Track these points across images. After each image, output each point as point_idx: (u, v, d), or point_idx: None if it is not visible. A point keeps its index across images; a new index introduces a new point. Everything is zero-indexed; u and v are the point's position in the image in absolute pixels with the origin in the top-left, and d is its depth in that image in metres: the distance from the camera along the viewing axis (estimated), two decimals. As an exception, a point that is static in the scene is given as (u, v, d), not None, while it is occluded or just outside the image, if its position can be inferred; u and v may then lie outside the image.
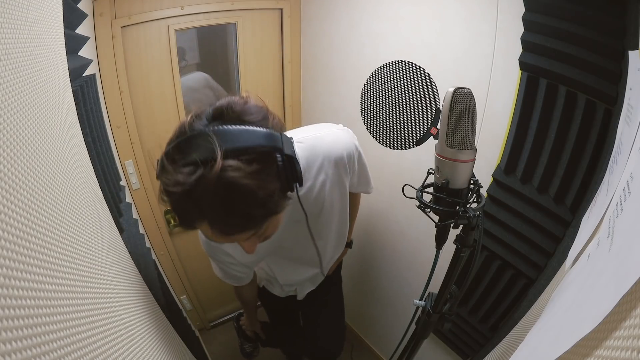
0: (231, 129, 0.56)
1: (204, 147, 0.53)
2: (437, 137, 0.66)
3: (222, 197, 0.52)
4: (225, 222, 0.56)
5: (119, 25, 1.33)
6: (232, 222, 0.56)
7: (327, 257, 1.16)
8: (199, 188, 0.51)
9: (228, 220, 0.55)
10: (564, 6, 0.81)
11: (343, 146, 0.89)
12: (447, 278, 0.79)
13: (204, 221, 0.56)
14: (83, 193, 0.61)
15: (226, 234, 0.58)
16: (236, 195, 0.53)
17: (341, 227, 1.10)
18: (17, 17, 0.42)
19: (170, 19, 1.46)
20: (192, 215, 0.56)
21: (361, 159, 0.99)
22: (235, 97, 0.62)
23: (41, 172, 0.42)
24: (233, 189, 0.52)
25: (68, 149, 0.58)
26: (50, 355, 0.33)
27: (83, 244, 0.52)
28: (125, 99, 1.44)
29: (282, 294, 1.29)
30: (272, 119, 0.62)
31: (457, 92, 0.59)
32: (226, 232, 0.57)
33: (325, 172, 0.88)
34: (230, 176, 0.51)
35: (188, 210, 0.55)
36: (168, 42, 1.48)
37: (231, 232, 0.58)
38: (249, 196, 0.53)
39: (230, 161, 0.52)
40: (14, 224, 0.32)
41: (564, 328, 0.41)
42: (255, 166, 0.54)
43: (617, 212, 0.42)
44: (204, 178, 0.51)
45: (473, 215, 0.65)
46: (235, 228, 0.58)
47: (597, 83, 0.80)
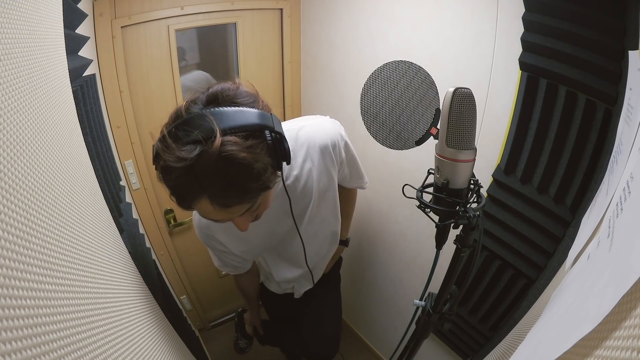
0: (226, 110, 0.60)
1: (203, 126, 0.57)
2: (437, 137, 0.66)
3: (222, 170, 0.56)
4: (224, 195, 0.60)
5: (119, 25, 1.33)
6: (230, 194, 0.60)
7: (313, 253, 1.13)
8: (201, 163, 0.55)
9: (227, 193, 0.59)
10: (564, 6, 0.81)
11: (328, 134, 0.92)
12: (447, 278, 0.79)
13: (203, 196, 0.59)
14: (83, 193, 0.61)
15: (225, 207, 0.61)
16: (234, 168, 0.57)
17: (332, 222, 1.11)
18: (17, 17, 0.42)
19: (170, 19, 1.46)
20: (192, 191, 0.59)
21: (349, 149, 1.01)
22: (227, 83, 0.67)
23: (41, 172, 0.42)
24: (232, 162, 0.56)
25: (68, 149, 0.58)
26: (50, 355, 0.33)
27: (83, 244, 0.52)
28: (125, 99, 1.44)
29: (279, 290, 1.29)
30: (261, 102, 0.67)
31: (457, 92, 0.59)
32: (225, 205, 0.61)
33: (312, 160, 0.90)
34: (229, 150, 0.55)
35: (189, 186, 0.58)
36: (168, 42, 1.48)
37: (229, 205, 0.62)
38: (246, 169, 0.58)
39: (228, 137, 0.56)
40: (14, 224, 0.32)
41: (564, 328, 0.41)
42: (251, 141, 0.59)
43: (617, 212, 0.42)
44: (205, 153, 0.55)
45: (473, 215, 0.65)
46: (233, 200, 0.61)
47: (597, 83, 0.80)
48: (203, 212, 0.64)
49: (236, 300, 2.27)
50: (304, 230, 1.02)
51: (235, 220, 0.70)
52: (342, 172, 1.03)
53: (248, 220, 0.71)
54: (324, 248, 1.18)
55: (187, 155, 0.54)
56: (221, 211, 0.62)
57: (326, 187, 0.99)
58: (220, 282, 2.15)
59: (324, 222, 1.08)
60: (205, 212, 0.64)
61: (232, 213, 0.65)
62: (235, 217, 0.68)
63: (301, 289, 1.27)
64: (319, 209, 1.02)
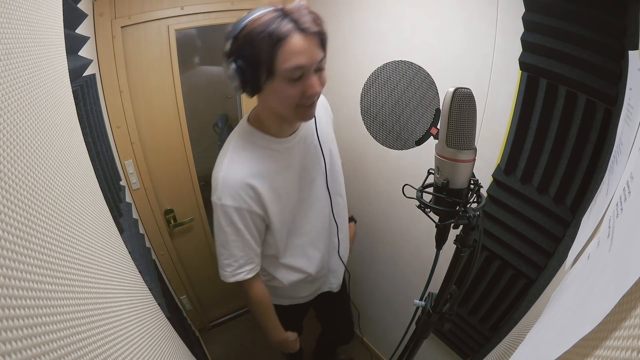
0: None
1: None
2: (437, 137, 0.66)
3: (314, 13, 0.79)
4: (319, 36, 0.79)
5: (119, 25, 1.33)
6: (322, 37, 0.80)
7: (341, 218, 1.20)
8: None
9: (321, 35, 0.79)
10: (564, 6, 0.81)
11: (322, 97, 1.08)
12: (447, 278, 0.79)
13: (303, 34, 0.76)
14: (83, 193, 0.61)
15: (310, 41, 0.77)
16: (318, 15, 0.79)
17: (340, 180, 1.19)
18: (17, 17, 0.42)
19: (170, 19, 1.46)
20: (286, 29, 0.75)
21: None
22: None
23: (41, 172, 0.42)
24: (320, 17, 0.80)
25: (68, 149, 0.58)
26: (50, 355, 0.33)
27: (83, 244, 0.52)
28: (125, 99, 1.44)
29: (292, 299, 1.25)
30: None
31: (457, 92, 0.59)
32: (310, 39, 0.77)
33: (319, 110, 1.00)
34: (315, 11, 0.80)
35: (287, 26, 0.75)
36: (168, 42, 1.48)
37: (311, 43, 0.78)
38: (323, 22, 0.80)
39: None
40: (14, 224, 0.32)
41: (564, 328, 0.41)
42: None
43: (617, 212, 0.42)
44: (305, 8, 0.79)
45: (473, 215, 0.65)
46: (323, 41, 0.81)
47: (597, 83, 0.80)
48: (294, 48, 0.75)
49: (236, 300, 2.27)
50: (330, 186, 1.10)
51: (310, 78, 0.80)
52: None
53: (318, 81, 0.82)
54: (343, 210, 1.22)
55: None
56: (311, 49, 0.77)
57: (332, 138, 1.12)
58: (220, 282, 2.14)
59: (339, 180, 1.16)
60: (295, 50, 0.75)
61: (313, 52, 0.78)
62: (315, 61, 0.79)
63: (333, 280, 1.29)
64: (335, 164, 1.12)
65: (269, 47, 0.74)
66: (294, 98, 0.82)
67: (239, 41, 0.77)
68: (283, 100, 0.83)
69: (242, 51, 0.78)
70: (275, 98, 0.84)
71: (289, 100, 0.83)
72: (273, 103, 0.86)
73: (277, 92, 0.82)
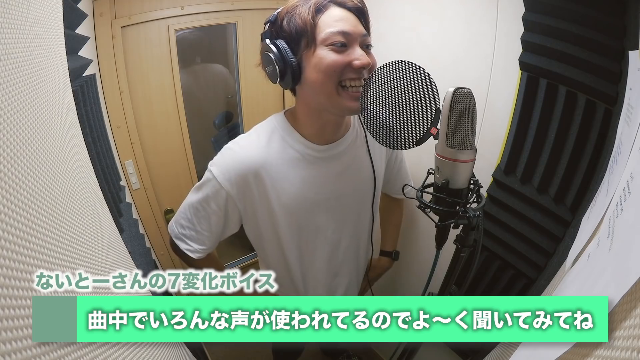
0: None
1: None
2: (437, 137, 0.66)
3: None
4: (358, 11, 0.78)
5: (119, 25, 1.33)
6: (363, 13, 0.80)
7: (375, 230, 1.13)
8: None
9: (360, 10, 0.79)
10: (564, 6, 0.81)
11: None
12: (447, 278, 0.79)
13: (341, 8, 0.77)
14: (83, 193, 0.61)
15: (356, 19, 0.78)
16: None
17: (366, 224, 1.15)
18: (17, 17, 0.42)
19: (170, 19, 1.46)
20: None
21: None
22: None
23: (41, 172, 0.42)
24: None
25: (68, 149, 0.58)
26: (50, 355, 0.33)
27: (83, 244, 0.52)
28: (125, 99, 1.44)
29: None
30: None
31: (457, 92, 0.59)
32: (356, 18, 0.78)
33: (373, 144, 0.96)
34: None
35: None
36: (168, 42, 1.48)
37: (358, 19, 0.78)
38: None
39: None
40: (14, 224, 0.32)
41: (564, 328, 0.41)
42: None
43: (617, 212, 0.42)
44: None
45: (473, 215, 0.65)
46: (364, 18, 0.80)
47: (597, 83, 0.80)
48: (335, 16, 0.75)
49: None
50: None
51: (356, 49, 0.75)
52: None
53: (364, 53, 0.76)
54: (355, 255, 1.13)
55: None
56: (350, 17, 0.76)
57: (382, 171, 1.10)
58: (220, 282, 2.15)
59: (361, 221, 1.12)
60: (336, 16, 0.75)
61: (356, 24, 0.76)
62: (358, 32, 0.76)
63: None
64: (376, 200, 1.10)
65: (309, 17, 0.73)
66: (338, 66, 0.73)
67: (277, 22, 0.77)
68: (325, 72, 0.73)
69: (281, 30, 0.76)
70: (316, 72, 0.74)
71: (332, 68, 0.73)
72: (314, 84, 0.76)
73: (319, 64, 0.73)
